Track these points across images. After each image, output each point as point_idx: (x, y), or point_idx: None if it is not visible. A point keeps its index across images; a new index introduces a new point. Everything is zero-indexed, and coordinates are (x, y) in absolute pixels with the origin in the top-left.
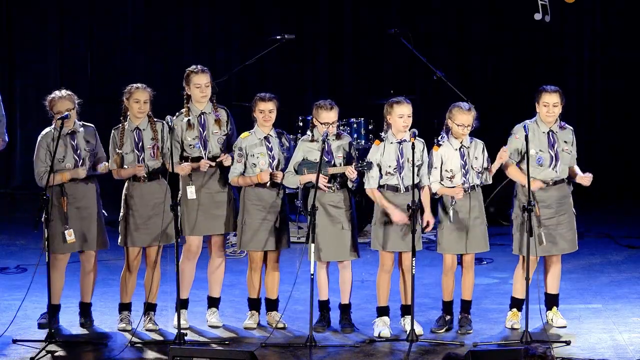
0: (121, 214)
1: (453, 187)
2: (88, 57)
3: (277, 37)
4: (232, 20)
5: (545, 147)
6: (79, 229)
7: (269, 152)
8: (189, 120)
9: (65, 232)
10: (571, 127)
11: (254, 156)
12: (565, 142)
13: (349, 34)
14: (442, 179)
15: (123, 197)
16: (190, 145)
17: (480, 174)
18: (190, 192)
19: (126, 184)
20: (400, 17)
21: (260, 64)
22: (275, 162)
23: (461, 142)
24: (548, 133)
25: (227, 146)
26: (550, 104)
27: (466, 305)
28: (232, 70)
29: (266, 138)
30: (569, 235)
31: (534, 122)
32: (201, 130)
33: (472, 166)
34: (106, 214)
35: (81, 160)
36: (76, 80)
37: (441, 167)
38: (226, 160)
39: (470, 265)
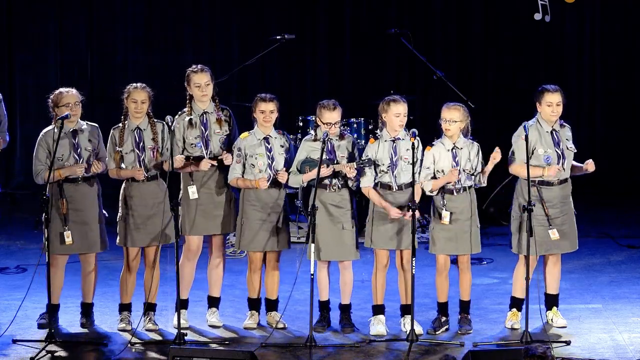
0: (120, 214)
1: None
2: (88, 57)
3: (277, 37)
4: (232, 20)
5: (552, 146)
6: (79, 232)
7: (267, 153)
8: (190, 119)
9: (64, 233)
10: (568, 125)
11: (252, 157)
12: (567, 139)
13: (349, 34)
14: (435, 178)
15: (121, 197)
16: (192, 144)
17: (472, 176)
18: (192, 192)
19: (124, 184)
20: (400, 17)
21: (260, 64)
22: (275, 163)
23: (454, 143)
24: (551, 132)
25: (229, 146)
26: (554, 103)
27: (465, 306)
28: (232, 70)
29: (266, 139)
30: (570, 235)
31: (536, 122)
32: (203, 129)
33: (463, 168)
34: (107, 215)
35: (81, 160)
36: (76, 80)
37: (434, 167)
38: (227, 158)
39: (466, 266)
